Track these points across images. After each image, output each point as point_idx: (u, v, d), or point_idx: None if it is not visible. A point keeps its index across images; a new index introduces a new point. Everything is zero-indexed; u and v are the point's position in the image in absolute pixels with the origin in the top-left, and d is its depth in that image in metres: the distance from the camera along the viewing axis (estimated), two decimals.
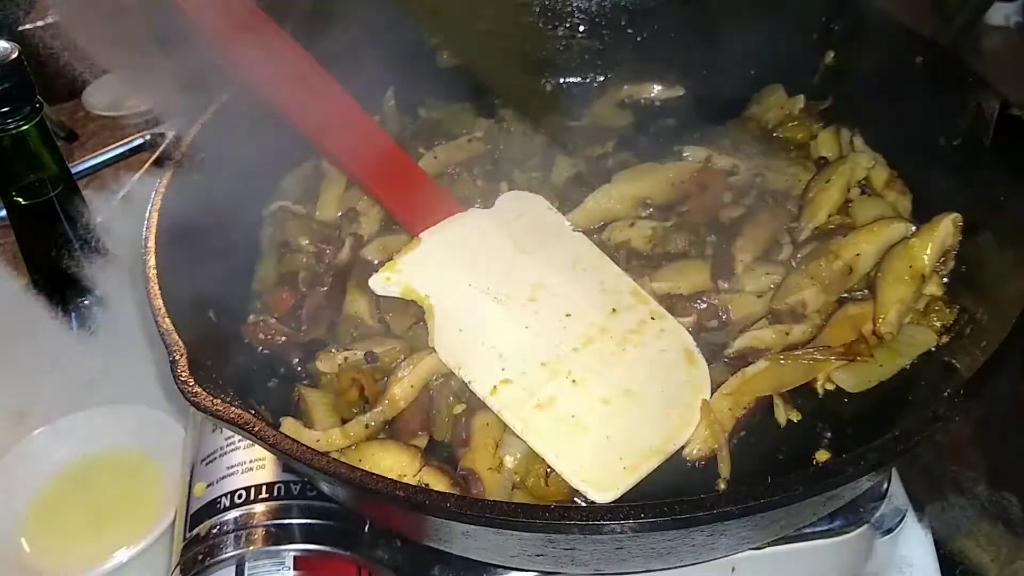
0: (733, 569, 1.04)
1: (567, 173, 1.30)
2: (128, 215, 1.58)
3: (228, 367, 1.06)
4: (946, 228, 1.10)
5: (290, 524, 0.98)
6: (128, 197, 1.61)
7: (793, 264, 1.14)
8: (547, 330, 1.06)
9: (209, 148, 1.18)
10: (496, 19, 1.45)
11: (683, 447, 1.00)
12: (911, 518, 1.19)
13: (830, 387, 1.05)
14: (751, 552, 1.03)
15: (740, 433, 1.02)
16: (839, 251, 1.12)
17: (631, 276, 1.13)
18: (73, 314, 1.43)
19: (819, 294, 1.10)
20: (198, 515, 1.01)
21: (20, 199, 1.31)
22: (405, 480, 0.96)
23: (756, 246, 1.16)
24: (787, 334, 1.08)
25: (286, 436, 0.87)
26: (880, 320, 1.07)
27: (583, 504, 0.95)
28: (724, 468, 0.99)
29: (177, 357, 0.91)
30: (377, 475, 0.84)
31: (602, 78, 1.49)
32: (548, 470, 0.98)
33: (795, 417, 1.04)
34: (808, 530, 1.03)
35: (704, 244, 1.18)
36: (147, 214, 1.07)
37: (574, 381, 1.02)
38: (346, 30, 1.33)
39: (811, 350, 1.06)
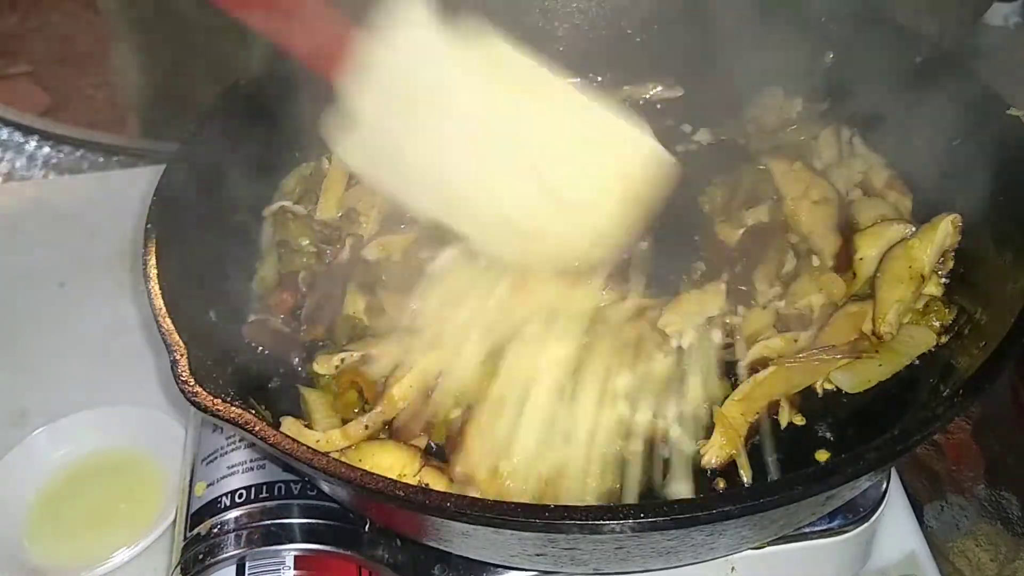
0: (733, 568, 1.05)
1: None
2: (129, 215, 1.59)
3: (228, 367, 1.06)
4: (945, 229, 1.10)
5: (290, 523, 0.99)
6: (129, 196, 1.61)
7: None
8: None
9: (209, 148, 1.18)
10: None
11: (702, 455, 1.00)
12: (909, 516, 1.19)
13: (829, 387, 1.05)
14: (751, 552, 1.03)
15: (755, 438, 1.02)
16: None
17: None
18: None
19: (824, 299, 1.11)
20: (198, 514, 1.02)
21: None
22: (405, 480, 0.97)
23: (774, 274, 1.16)
24: (795, 341, 1.09)
25: (286, 436, 0.87)
26: (880, 320, 1.07)
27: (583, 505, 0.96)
28: (745, 473, 0.99)
29: (177, 357, 0.91)
30: (377, 475, 0.84)
31: (601, 78, 1.49)
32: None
33: (799, 421, 1.04)
34: (807, 529, 1.03)
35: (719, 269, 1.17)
36: (147, 214, 1.07)
37: None
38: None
39: (815, 351, 1.06)
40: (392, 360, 1.08)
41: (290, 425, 1.02)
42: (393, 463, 0.99)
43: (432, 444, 1.04)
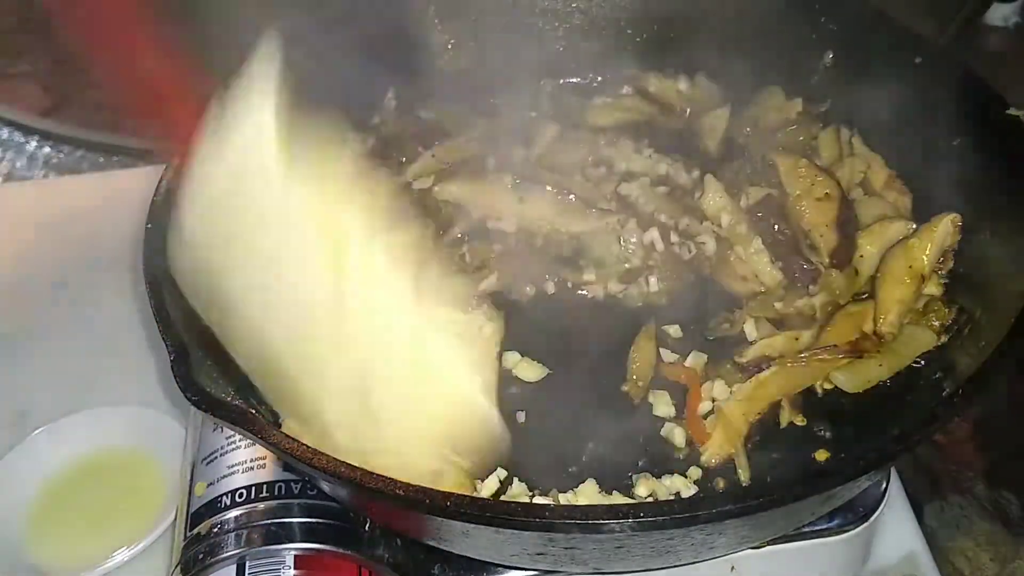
0: (732, 568, 1.05)
1: None
2: (129, 215, 1.59)
3: (229, 366, 1.06)
4: (945, 228, 1.10)
5: (291, 523, 0.98)
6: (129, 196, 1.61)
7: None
8: None
9: None
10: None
11: (700, 454, 1.01)
12: (909, 516, 1.19)
13: (829, 387, 1.05)
14: (750, 551, 1.03)
15: (755, 438, 1.02)
16: None
17: None
18: None
19: (826, 297, 1.11)
20: (199, 514, 1.02)
21: None
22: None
23: None
24: (796, 339, 1.09)
25: (287, 435, 0.87)
26: (881, 320, 1.07)
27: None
28: (743, 473, 0.99)
29: (178, 356, 0.91)
30: (377, 474, 0.84)
31: (601, 78, 1.49)
32: None
33: (800, 421, 1.04)
34: (807, 529, 1.03)
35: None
36: (147, 214, 1.07)
37: None
38: (349, 30, 1.34)
39: (818, 351, 1.06)
40: None
41: (291, 425, 1.02)
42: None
43: None
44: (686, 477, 1.00)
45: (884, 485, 1.07)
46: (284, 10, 1.26)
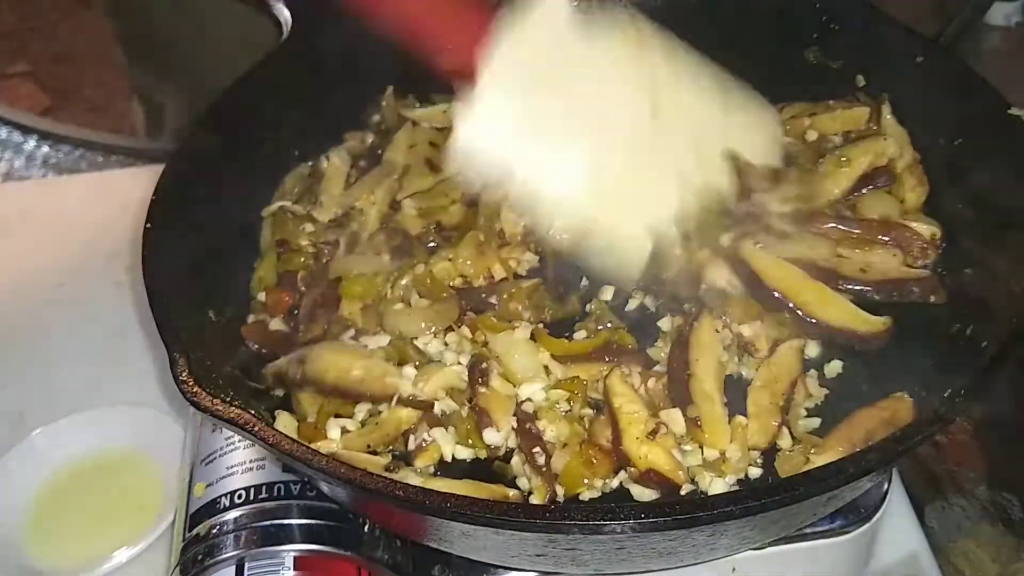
0: (733, 569, 1.04)
1: None
2: (128, 215, 1.59)
3: (228, 367, 1.06)
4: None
5: (290, 524, 0.98)
6: (129, 196, 1.61)
7: None
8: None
9: (209, 148, 1.18)
10: None
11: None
12: (910, 517, 1.19)
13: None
14: (751, 552, 1.03)
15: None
16: None
17: None
18: None
19: None
20: (198, 515, 1.01)
21: None
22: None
23: None
24: None
25: (285, 436, 0.87)
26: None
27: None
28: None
29: (177, 357, 0.91)
30: (377, 475, 0.84)
31: None
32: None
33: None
34: (808, 530, 1.03)
35: None
36: (146, 214, 1.07)
37: None
38: (347, 28, 1.33)
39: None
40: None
41: (285, 419, 1.02)
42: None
43: None
44: None
45: (885, 486, 1.07)
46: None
